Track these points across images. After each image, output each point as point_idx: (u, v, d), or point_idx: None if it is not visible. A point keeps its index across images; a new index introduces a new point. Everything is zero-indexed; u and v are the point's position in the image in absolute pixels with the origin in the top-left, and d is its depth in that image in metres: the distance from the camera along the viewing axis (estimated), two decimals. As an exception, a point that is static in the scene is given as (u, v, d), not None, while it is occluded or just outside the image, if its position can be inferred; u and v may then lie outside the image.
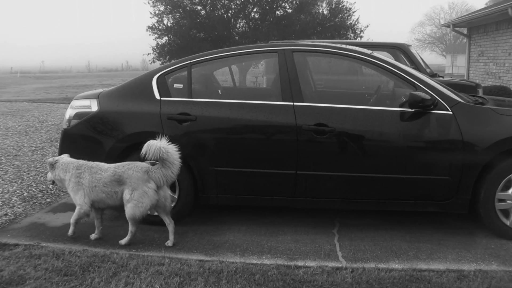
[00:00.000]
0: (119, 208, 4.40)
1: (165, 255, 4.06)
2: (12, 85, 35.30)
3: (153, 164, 4.19)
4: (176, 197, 4.66)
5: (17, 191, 5.94)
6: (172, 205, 4.63)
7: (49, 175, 4.55)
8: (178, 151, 4.11)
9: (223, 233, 4.56)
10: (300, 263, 3.89)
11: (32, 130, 10.81)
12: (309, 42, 5.27)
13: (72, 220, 4.43)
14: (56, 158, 4.56)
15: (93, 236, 4.51)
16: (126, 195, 4.17)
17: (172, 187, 4.63)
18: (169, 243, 4.31)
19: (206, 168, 4.54)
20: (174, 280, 3.53)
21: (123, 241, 4.34)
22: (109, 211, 5.21)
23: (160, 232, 4.54)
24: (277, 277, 3.59)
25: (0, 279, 3.53)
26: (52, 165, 4.46)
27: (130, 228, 4.29)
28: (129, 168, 4.22)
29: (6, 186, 6.18)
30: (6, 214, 5.09)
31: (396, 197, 4.44)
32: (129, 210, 4.16)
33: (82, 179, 4.30)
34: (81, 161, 4.46)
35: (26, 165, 7.33)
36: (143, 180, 4.12)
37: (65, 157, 4.54)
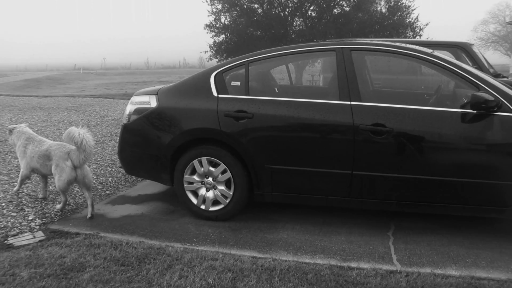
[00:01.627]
0: (50, 176, 5.25)
1: (219, 250, 4.11)
2: (75, 81, 36.68)
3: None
4: (231, 193, 4.70)
5: (79, 183, 6.16)
6: (227, 202, 4.71)
7: (9, 139, 5.58)
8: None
9: (277, 231, 4.57)
10: (353, 264, 3.85)
11: (93, 124, 11.17)
12: (367, 40, 5.19)
13: (18, 180, 5.46)
14: (15, 126, 5.59)
15: (40, 195, 5.55)
16: (53, 169, 4.99)
17: (228, 184, 4.69)
18: (88, 214, 4.99)
19: (261, 166, 4.55)
20: (227, 275, 3.57)
21: (57, 207, 5.17)
22: (162, 206, 5.33)
23: (214, 228, 4.61)
24: (329, 277, 3.56)
25: (62, 265, 3.69)
26: (11, 131, 5.54)
27: (61, 197, 5.14)
28: (57, 147, 5.03)
29: (68, 177, 6.42)
30: (69, 204, 5.30)
31: (455, 201, 4.28)
32: (56, 182, 4.99)
33: (27, 149, 5.25)
34: (32, 134, 5.40)
35: (87, 158, 7.59)
36: (64, 159, 4.89)
37: (22, 127, 5.53)
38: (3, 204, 5.28)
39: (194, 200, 4.83)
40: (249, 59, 4.85)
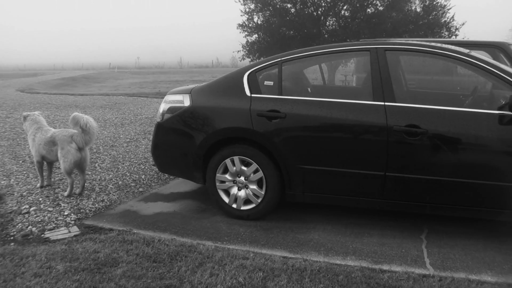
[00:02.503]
0: (56, 162, 5.71)
1: (250, 249, 4.11)
2: (110, 79, 37.33)
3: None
4: (262, 193, 4.70)
5: (113, 180, 6.29)
6: (258, 201, 4.72)
7: (24, 125, 5.98)
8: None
9: (308, 231, 4.55)
10: (385, 267, 3.80)
11: (127, 122, 11.34)
12: (402, 40, 5.12)
13: (37, 171, 5.88)
14: (29, 113, 5.99)
15: (39, 185, 5.89)
16: (58, 153, 5.43)
17: (259, 183, 4.70)
18: (79, 190, 5.63)
19: (293, 166, 4.53)
20: (257, 274, 3.57)
21: (65, 193, 5.54)
22: (194, 204, 5.37)
23: (245, 227, 4.63)
24: (361, 279, 3.52)
25: (96, 260, 3.76)
26: (25, 118, 5.94)
27: (68, 180, 5.57)
28: (60, 132, 5.50)
29: (103, 174, 6.56)
30: (102, 200, 5.41)
31: (491, 206, 4.17)
32: (61, 165, 5.43)
33: (36, 137, 5.68)
34: (41, 123, 5.84)
35: (121, 155, 7.73)
36: (68, 142, 5.36)
37: (36, 115, 5.94)
38: (40, 199, 5.43)
39: (225, 199, 4.86)
40: (282, 58, 4.85)
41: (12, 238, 4.40)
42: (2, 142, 8.94)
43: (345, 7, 23.48)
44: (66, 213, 4.98)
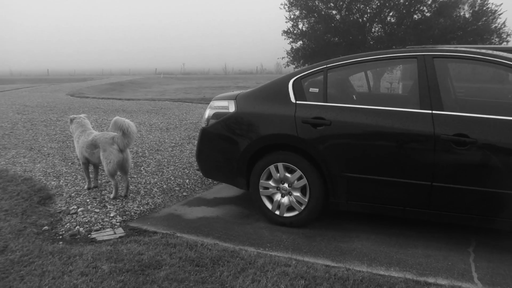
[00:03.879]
0: (100, 165, 5.89)
1: (292, 256, 4.09)
2: (156, 85, 38.04)
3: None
4: (306, 200, 4.67)
5: (158, 183, 6.39)
6: (302, 208, 4.68)
7: (70, 128, 6.22)
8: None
9: (351, 240, 4.49)
10: (430, 279, 3.70)
11: (172, 127, 11.50)
12: (451, 47, 4.99)
13: (84, 172, 6.08)
14: (75, 116, 6.24)
15: (86, 186, 6.07)
16: (101, 156, 5.60)
17: (303, 190, 4.68)
18: (124, 192, 5.76)
19: (338, 174, 4.49)
20: (299, 282, 3.54)
21: (111, 195, 5.69)
22: (237, 210, 5.39)
23: (288, 234, 4.61)
24: (405, 291, 3.45)
25: (140, 261, 3.82)
26: (71, 121, 6.20)
27: (112, 183, 5.71)
28: (101, 135, 5.70)
29: (148, 177, 6.68)
30: (147, 203, 5.50)
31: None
32: (104, 167, 5.60)
33: (80, 140, 5.92)
34: (86, 126, 6.07)
35: (166, 160, 7.85)
36: (109, 144, 5.53)
37: (82, 118, 6.19)
38: (87, 200, 5.57)
39: (269, 205, 4.86)
40: (328, 65, 4.82)
41: (60, 237, 4.54)
42: (52, 144, 9.23)
43: (391, 14, 23.16)
44: (112, 215, 5.09)
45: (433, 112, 4.19)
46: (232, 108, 5.04)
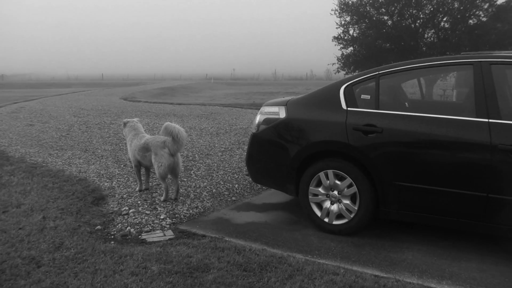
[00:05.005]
0: (151, 168, 5.97)
1: (341, 265, 4.03)
2: (206, 90, 38.55)
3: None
4: (355, 208, 4.60)
5: (207, 187, 6.46)
6: (351, 216, 4.62)
7: (123, 131, 6.44)
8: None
9: (401, 250, 4.39)
10: (485, 295, 3.57)
11: (222, 132, 11.62)
12: (509, 53, 4.78)
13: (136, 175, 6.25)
14: (129, 120, 6.43)
15: (138, 188, 6.22)
16: (152, 159, 5.72)
17: (353, 198, 4.62)
18: (174, 195, 5.85)
19: (389, 182, 4.40)
20: (348, 291, 3.49)
21: (162, 198, 5.79)
22: (286, 216, 5.37)
23: (336, 242, 4.55)
24: (458, 305, 3.35)
25: (189, 264, 3.87)
26: (125, 124, 6.41)
27: (163, 185, 5.79)
28: (153, 139, 5.82)
29: (198, 181, 6.76)
30: (197, 207, 5.57)
31: None
32: (156, 170, 5.70)
33: (132, 143, 6.07)
34: (139, 129, 6.24)
35: (216, 164, 7.93)
36: (161, 147, 5.63)
37: (135, 122, 6.37)
38: (138, 202, 5.69)
39: (318, 213, 4.82)
40: (380, 72, 4.75)
41: (112, 236, 4.65)
42: (106, 146, 9.50)
43: (444, 19, 22.60)
44: (162, 217, 5.17)
45: (490, 120, 4.05)
46: (282, 114, 5.05)
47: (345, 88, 4.80)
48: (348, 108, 4.67)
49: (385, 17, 23.71)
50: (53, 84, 57.88)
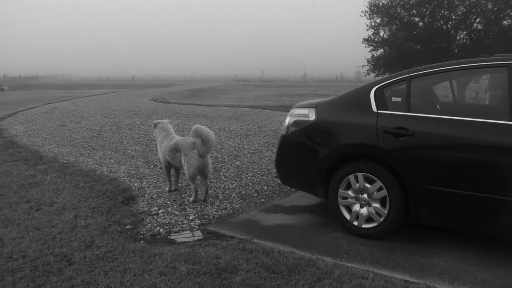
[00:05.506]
0: (181, 169, 6.03)
1: (370, 269, 3.99)
2: (235, 91, 38.70)
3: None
4: (385, 212, 4.54)
5: (236, 189, 6.48)
6: (381, 220, 4.57)
7: (154, 132, 6.53)
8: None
9: (432, 256, 4.31)
10: (520, 303, 3.48)
11: (251, 134, 11.63)
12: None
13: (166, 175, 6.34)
14: (159, 121, 6.53)
15: (167, 189, 6.30)
16: (182, 160, 5.78)
17: (383, 202, 4.57)
18: (203, 196, 5.89)
19: (420, 186, 4.34)
20: (377, 296, 3.46)
21: (191, 199, 5.84)
22: (315, 219, 5.35)
23: (365, 245, 4.51)
24: (491, 313, 3.27)
25: (217, 265, 3.88)
26: (155, 125, 6.49)
27: (192, 186, 5.85)
28: (183, 140, 5.88)
29: (227, 183, 6.79)
30: (225, 208, 5.59)
31: None
32: (185, 171, 5.78)
33: (162, 144, 6.15)
34: (169, 131, 6.31)
35: (245, 166, 7.95)
36: (190, 148, 5.70)
37: (165, 123, 6.47)
38: (168, 202, 5.75)
39: (347, 216, 4.78)
40: (411, 74, 4.69)
41: (142, 236, 4.70)
42: (136, 147, 9.61)
43: (477, 20, 22.12)
44: (191, 218, 5.21)
45: None
46: (312, 116, 5.03)
47: (375, 90, 4.76)
48: (379, 111, 4.63)
49: (416, 19, 23.40)
50: (85, 85, 59.01)
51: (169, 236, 4.71)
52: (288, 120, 5.27)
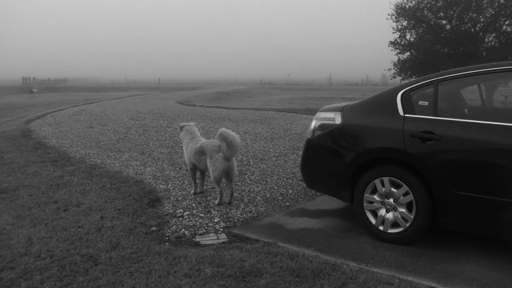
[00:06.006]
0: (206, 171, 6.10)
1: (395, 275, 3.94)
2: (261, 95, 38.73)
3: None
4: (412, 217, 4.49)
5: (261, 192, 6.49)
6: (407, 225, 4.51)
7: (180, 135, 6.62)
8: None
9: (459, 262, 4.24)
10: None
11: (277, 137, 11.63)
12: None
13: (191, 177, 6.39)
14: (185, 124, 6.62)
15: (192, 191, 6.34)
16: (208, 163, 5.82)
17: (409, 207, 4.51)
18: (228, 199, 5.91)
19: (447, 191, 4.27)
20: (403, 302, 3.42)
21: (216, 202, 5.85)
22: (340, 223, 5.31)
23: (391, 251, 4.46)
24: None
25: (242, 268, 3.89)
26: (181, 128, 6.59)
27: (217, 189, 5.87)
28: (209, 143, 5.93)
29: (252, 186, 6.80)
30: (250, 211, 5.60)
31: None
32: (210, 173, 5.81)
33: (188, 147, 6.22)
34: (195, 133, 6.39)
35: (270, 169, 7.95)
36: (216, 151, 5.73)
37: (191, 126, 6.56)
38: (193, 204, 5.78)
39: (372, 220, 4.74)
40: (439, 78, 4.63)
41: (167, 238, 4.74)
42: (162, 149, 9.70)
43: (507, 22, 21.71)
44: (216, 220, 5.23)
45: None
46: (338, 119, 5.01)
47: (402, 94, 4.71)
48: (406, 115, 4.58)
49: (444, 21, 23.11)
50: (112, 87, 59.76)
51: (194, 239, 4.74)
52: (313, 124, 5.25)
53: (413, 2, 23.23)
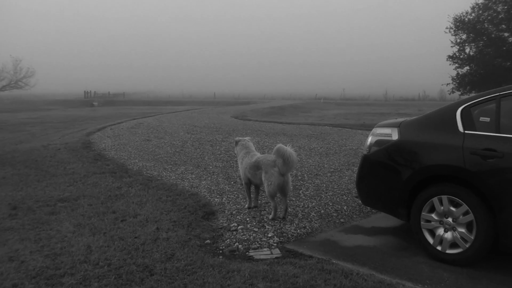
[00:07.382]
0: (261, 186, 6.10)
1: (455, 297, 3.81)
2: (315, 109, 38.66)
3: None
4: (472, 238, 4.32)
5: (315, 208, 6.43)
6: (467, 246, 4.34)
7: (235, 149, 6.68)
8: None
9: (524, 287, 4.04)
10: None
11: (331, 152, 11.54)
12: None
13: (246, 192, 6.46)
14: (240, 139, 6.68)
15: (247, 205, 6.38)
16: (263, 177, 5.85)
17: (469, 227, 4.35)
18: (282, 214, 5.89)
19: (510, 211, 4.09)
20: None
21: (270, 216, 5.87)
22: (395, 241, 5.19)
23: (449, 272, 4.30)
24: None
25: (295, 284, 3.87)
26: (236, 143, 6.64)
27: (271, 204, 5.88)
28: (264, 157, 5.99)
29: (306, 201, 6.76)
30: (304, 227, 5.56)
31: None
32: (265, 188, 5.83)
33: (243, 161, 6.27)
34: (250, 148, 6.42)
35: (324, 185, 7.88)
36: (271, 166, 5.76)
37: (246, 140, 6.60)
38: (247, 219, 5.81)
39: (430, 240, 4.60)
40: (501, 93, 4.47)
41: (221, 251, 4.78)
42: (217, 163, 9.82)
43: None
44: (269, 235, 5.23)
45: None
46: (395, 135, 4.93)
47: (462, 109, 4.59)
48: (466, 131, 4.45)
49: (506, 34, 22.45)
50: (169, 102, 61.16)
51: (247, 253, 4.75)
52: (370, 140, 5.18)
53: (473, 14, 22.71)
